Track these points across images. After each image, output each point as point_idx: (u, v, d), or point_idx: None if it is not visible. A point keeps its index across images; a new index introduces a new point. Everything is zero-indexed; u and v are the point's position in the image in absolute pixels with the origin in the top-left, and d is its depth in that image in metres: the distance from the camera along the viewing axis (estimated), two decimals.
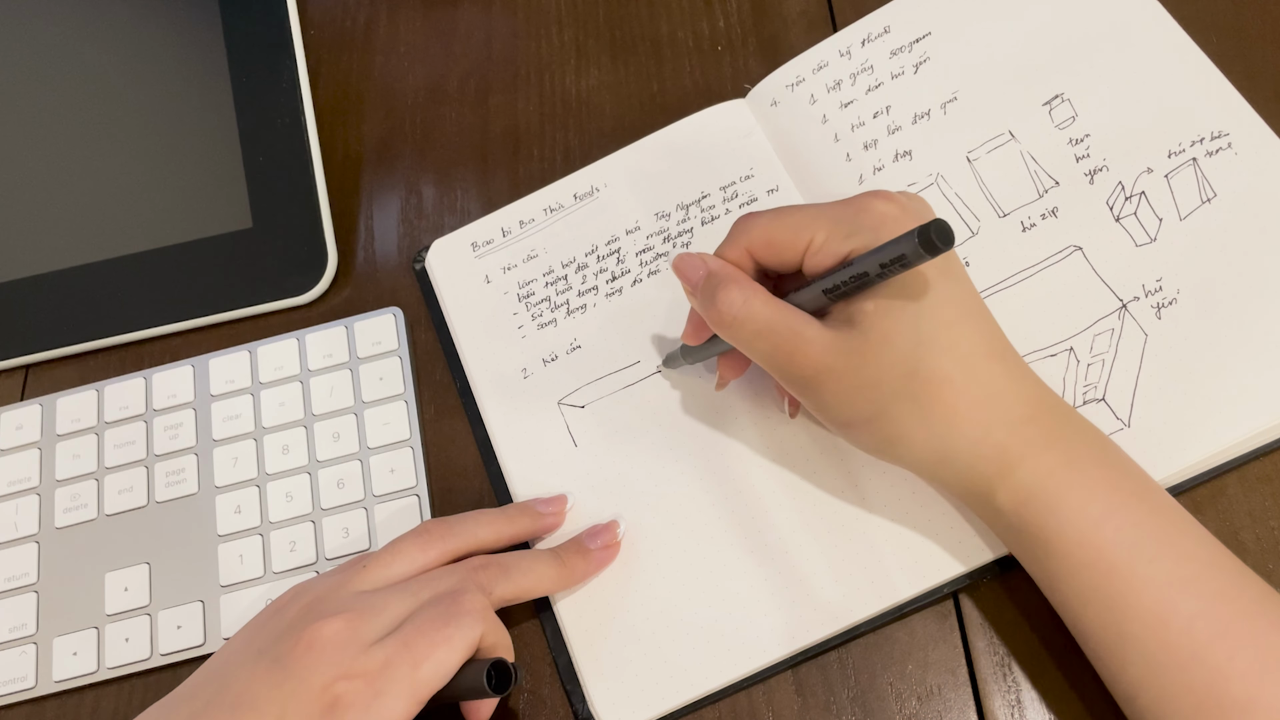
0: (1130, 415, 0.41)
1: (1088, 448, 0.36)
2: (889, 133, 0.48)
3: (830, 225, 0.37)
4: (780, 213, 0.38)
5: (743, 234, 0.39)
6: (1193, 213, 0.43)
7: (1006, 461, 0.35)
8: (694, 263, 0.39)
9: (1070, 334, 0.43)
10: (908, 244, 0.32)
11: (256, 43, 0.54)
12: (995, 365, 0.36)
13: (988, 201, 0.46)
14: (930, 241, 0.31)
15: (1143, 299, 0.42)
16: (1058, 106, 0.46)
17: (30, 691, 0.44)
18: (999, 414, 0.36)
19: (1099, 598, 0.34)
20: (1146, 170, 0.44)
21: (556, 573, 0.41)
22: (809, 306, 0.37)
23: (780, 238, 0.38)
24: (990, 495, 0.36)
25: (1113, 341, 0.42)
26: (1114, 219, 0.44)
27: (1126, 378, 0.42)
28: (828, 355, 0.36)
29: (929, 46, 0.49)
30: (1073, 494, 0.35)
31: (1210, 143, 0.44)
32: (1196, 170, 0.44)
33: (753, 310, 0.37)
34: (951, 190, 0.46)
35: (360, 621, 0.36)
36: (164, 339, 0.51)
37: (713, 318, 0.38)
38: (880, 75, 0.49)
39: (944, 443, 0.36)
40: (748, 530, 0.42)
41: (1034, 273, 0.44)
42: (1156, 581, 0.34)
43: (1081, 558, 0.35)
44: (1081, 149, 0.45)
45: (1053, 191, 0.45)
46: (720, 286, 0.37)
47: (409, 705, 0.34)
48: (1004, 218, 0.45)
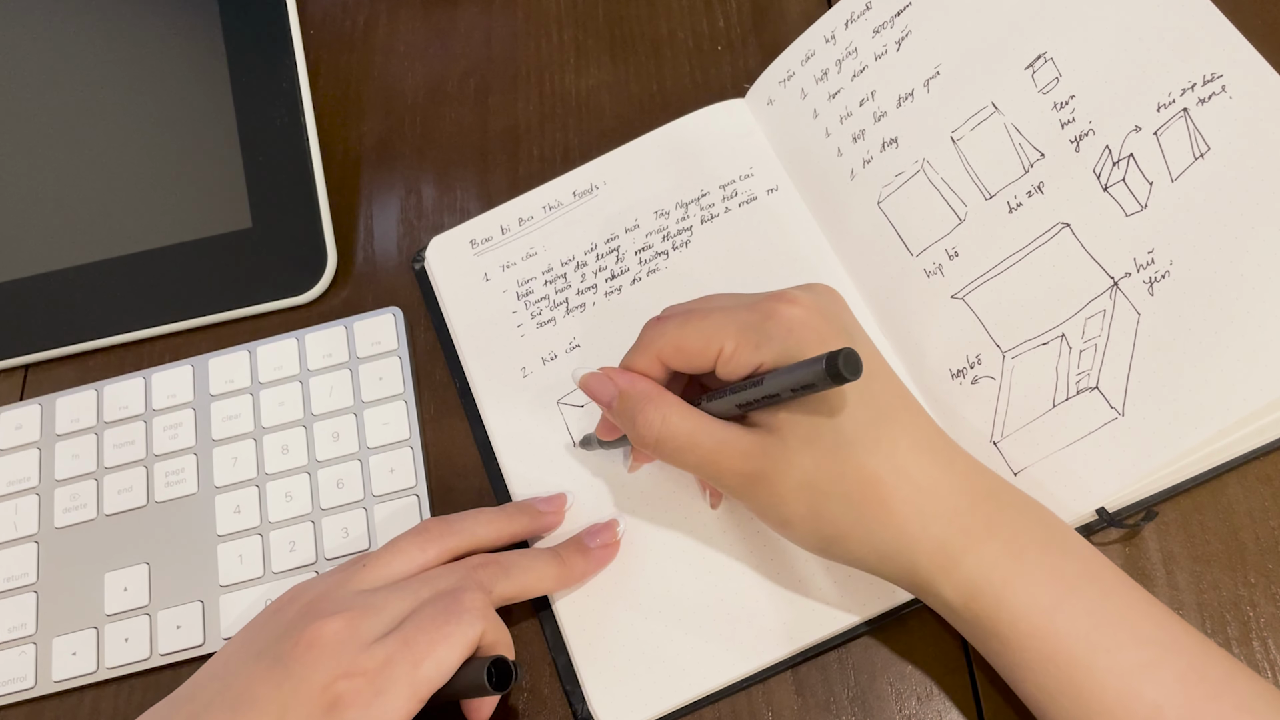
0: (1124, 403, 0.40)
1: (1030, 531, 0.35)
2: (875, 120, 0.48)
3: (739, 334, 0.36)
4: (689, 318, 0.38)
5: (652, 342, 0.38)
6: (1185, 171, 0.41)
7: (948, 555, 0.35)
8: (602, 382, 0.39)
9: (1061, 320, 0.42)
10: (816, 373, 0.32)
11: (256, 43, 0.54)
12: (923, 458, 0.36)
13: (974, 183, 0.45)
14: (838, 373, 0.32)
15: (1134, 274, 0.41)
16: (1041, 68, 0.45)
17: (30, 691, 0.44)
18: (933, 507, 0.35)
19: (1061, 690, 0.34)
20: (1134, 129, 0.42)
21: (556, 571, 0.41)
22: (725, 415, 0.37)
23: (690, 346, 0.37)
24: (936, 590, 0.35)
25: (1105, 324, 0.41)
26: (1102, 188, 0.42)
27: (1120, 363, 0.40)
28: (752, 462, 0.36)
29: (910, 19, 0.48)
30: (1019, 583, 0.34)
31: (1202, 88, 0.41)
32: (1188, 122, 0.41)
33: (671, 428, 0.37)
34: (938, 176, 0.46)
35: (360, 620, 0.36)
36: (164, 339, 0.51)
37: (634, 438, 0.38)
38: (864, 58, 0.49)
39: (881, 540, 0.35)
40: (748, 530, 0.42)
41: (1022, 257, 0.43)
42: (1116, 671, 0.33)
43: (1039, 650, 0.34)
44: (1066, 113, 0.44)
45: (1038, 165, 0.44)
46: (637, 409, 0.37)
47: (410, 703, 0.34)
48: (990, 199, 0.44)
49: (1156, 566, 0.41)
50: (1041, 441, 0.41)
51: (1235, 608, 0.40)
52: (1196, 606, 0.40)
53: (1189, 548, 0.41)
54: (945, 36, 0.47)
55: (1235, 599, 0.40)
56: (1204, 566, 0.40)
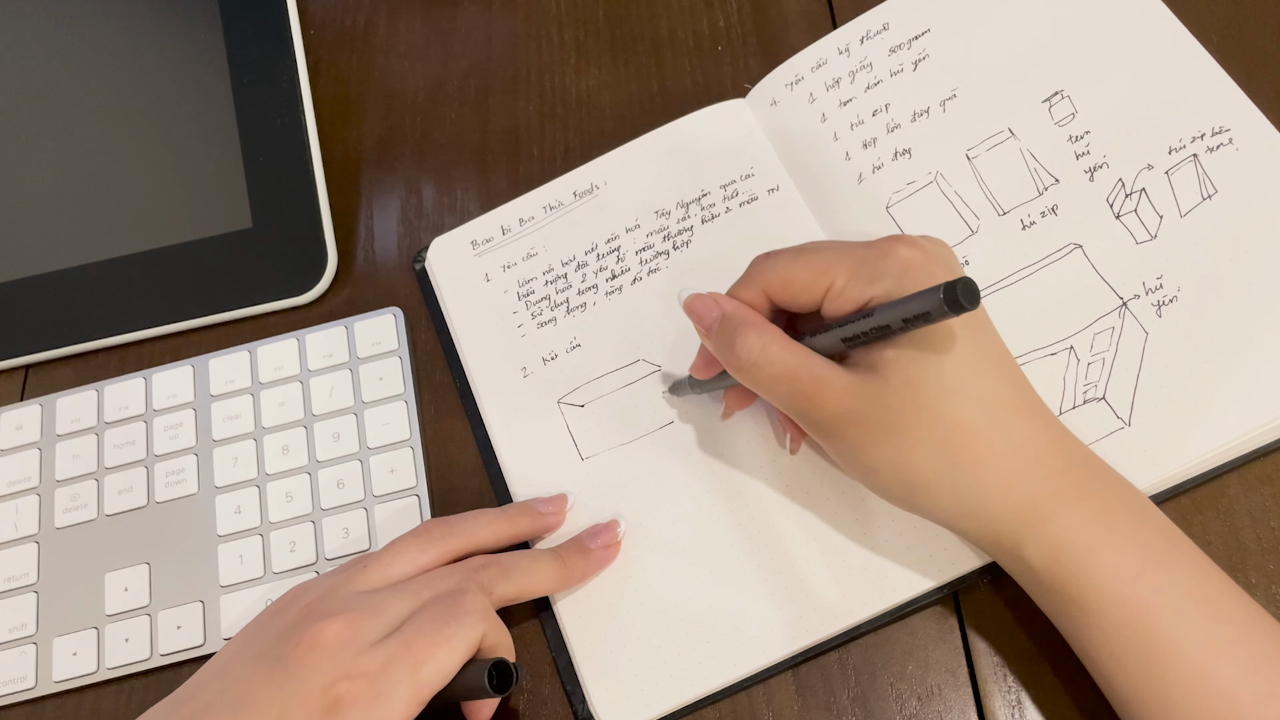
0: (1131, 414, 0.41)
1: (1120, 502, 0.35)
2: (888, 130, 0.48)
3: (852, 269, 0.36)
4: (800, 253, 0.37)
5: (760, 274, 0.38)
6: (1193, 209, 0.43)
7: (1036, 515, 0.34)
8: (707, 304, 0.38)
9: (1070, 332, 0.43)
10: (932, 301, 0.31)
11: (256, 43, 0.54)
12: (1023, 415, 0.35)
13: (987, 199, 0.46)
14: (956, 300, 0.30)
15: (1143, 297, 0.42)
16: (1057, 104, 0.46)
17: (30, 692, 0.44)
18: (1027, 466, 0.35)
19: (1137, 659, 0.33)
20: (1147, 167, 0.44)
21: (557, 572, 0.41)
22: (828, 351, 0.36)
23: (800, 279, 0.37)
24: (1019, 550, 0.35)
25: (1113, 340, 0.42)
26: (1114, 216, 0.44)
27: (1127, 376, 0.41)
28: (849, 400, 0.35)
29: (928, 44, 0.49)
30: (1107, 550, 0.34)
31: (1211, 138, 0.44)
32: (1197, 166, 0.44)
33: (771, 355, 0.36)
34: (951, 188, 0.46)
35: (361, 622, 0.36)
36: (164, 339, 0.51)
37: (730, 363, 0.37)
38: (879, 73, 0.49)
39: (970, 493, 0.35)
40: (748, 530, 0.42)
41: (1034, 271, 0.44)
42: (1197, 644, 0.33)
43: (1118, 617, 0.33)
44: (1081, 146, 0.45)
45: (1052, 189, 0.45)
46: (738, 332, 0.37)
47: (410, 705, 0.34)
48: (1004, 216, 0.45)
49: None
50: None
51: None
52: None
53: None
54: (963, 65, 0.48)
55: None
56: None
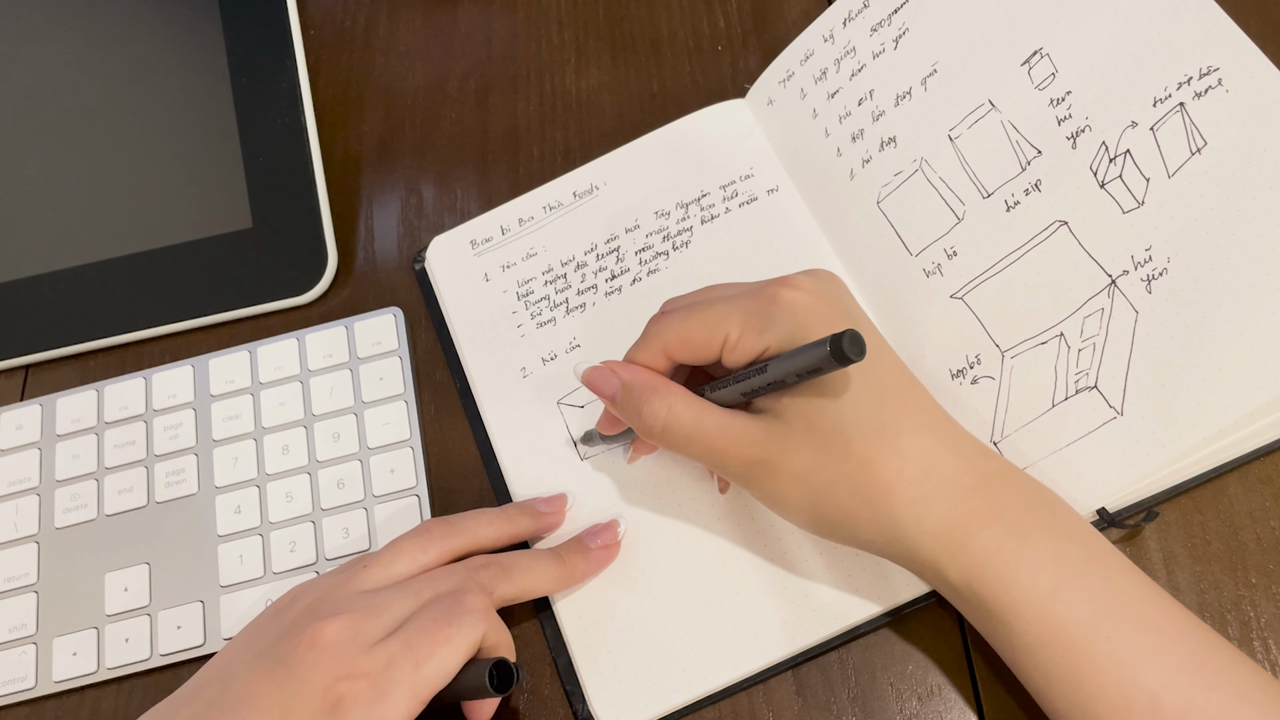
0: (1123, 403, 0.40)
1: (1035, 515, 0.35)
2: (874, 119, 0.48)
3: (743, 320, 0.36)
4: (693, 310, 0.38)
5: (658, 335, 0.38)
6: (1182, 167, 0.40)
7: (952, 538, 0.35)
8: (605, 375, 0.39)
9: (1060, 318, 0.42)
10: (820, 356, 0.32)
11: (256, 43, 0.54)
12: (926, 439, 0.36)
13: (972, 182, 0.45)
14: (843, 354, 0.32)
15: (1132, 272, 0.41)
16: (1037, 64, 0.44)
17: (30, 692, 0.44)
18: (937, 490, 0.35)
19: (1061, 675, 0.33)
20: (1131, 125, 0.42)
21: (557, 572, 0.41)
22: (730, 404, 0.38)
23: (696, 337, 0.37)
24: (942, 573, 0.35)
25: (1103, 323, 0.41)
26: (1099, 185, 0.42)
27: (1118, 362, 0.40)
28: (757, 449, 0.36)
29: (908, 16, 0.48)
30: (1023, 568, 0.34)
31: (1199, 81, 0.41)
32: (1184, 117, 0.41)
33: (678, 417, 0.37)
34: (936, 175, 0.46)
35: (362, 621, 0.36)
36: (164, 339, 0.51)
37: (640, 429, 0.38)
38: (863, 57, 0.49)
39: (888, 521, 0.35)
40: (748, 530, 0.42)
41: (1020, 255, 0.43)
42: (1116, 657, 0.33)
43: (1039, 635, 0.34)
44: (1063, 110, 0.44)
45: (1035, 162, 0.44)
46: (642, 399, 0.38)
47: (411, 705, 0.34)
48: (988, 198, 0.44)
49: (1157, 566, 0.41)
50: (1041, 441, 0.41)
51: (1236, 608, 0.40)
52: (1197, 606, 0.40)
53: (1190, 548, 0.41)
54: (942, 32, 0.47)
55: (1236, 599, 0.40)
56: (1205, 566, 0.40)
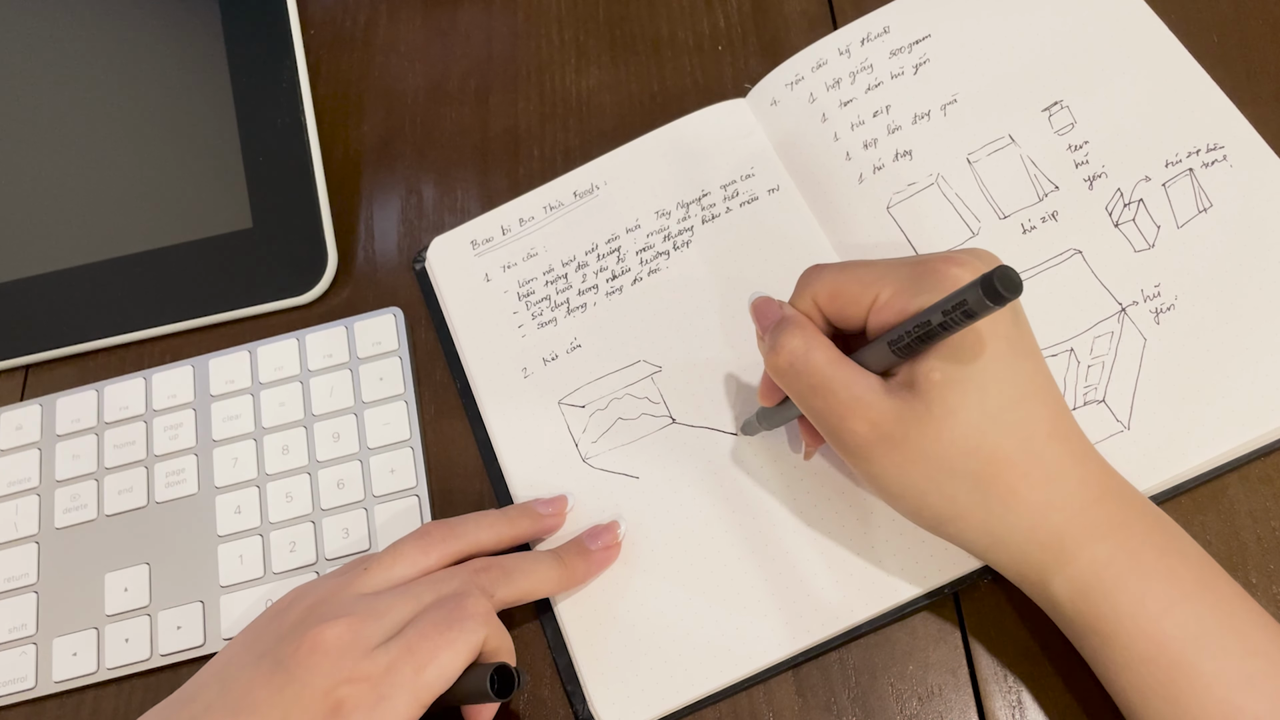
0: (1130, 418, 0.41)
1: (1148, 534, 0.35)
2: (889, 132, 0.48)
3: (898, 282, 0.35)
4: (849, 266, 0.37)
5: (809, 284, 0.38)
6: (1189, 221, 0.44)
7: (1064, 549, 0.34)
8: (772, 306, 0.38)
9: (1070, 335, 0.43)
10: (971, 291, 0.31)
11: (256, 43, 0.54)
12: (1059, 446, 0.35)
13: (988, 203, 0.46)
14: (994, 289, 0.29)
15: (1141, 303, 0.43)
16: (1057, 113, 0.47)
17: (30, 692, 0.44)
18: (1059, 498, 0.34)
19: (1161, 694, 0.33)
20: (1144, 178, 0.45)
21: (558, 574, 0.41)
22: (874, 365, 0.36)
23: (847, 290, 0.36)
24: (1046, 583, 0.35)
25: (1112, 344, 0.42)
26: (1113, 224, 0.44)
27: (1126, 380, 0.42)
28: (885, 422, 0.34)
29: (929, 48, 0.49)
30: (1133, 584, 0.34)
31: (1206, 154, 0.45)
32: (1193, 180, 0.44)
33: (812, 361, 0.36)
34: (952, 190, 0.46)
35: (363, 625, 0.36)
36: (164, 339, 0.51)
37: (770, 363, 0.37)
38: (880, 75, 0.49)
39: (1000, 525, 0.34)
40: (748, 530, 0.42)
41: (1035, 274, 0.44)
42: (1221, 679, 0.32)
43: (1142, 651, 0.33)
44: (1080, 155, 0.46)
45: (1052, 195, 0.45)
46: (784, 331, 0.36)
47: (412, 709, 0.34)
48: (1004, 219, 0.45)
49: None
50: None
51: None
52: None
53: None
54: (963, 71, 0.48)
55: None
56: None
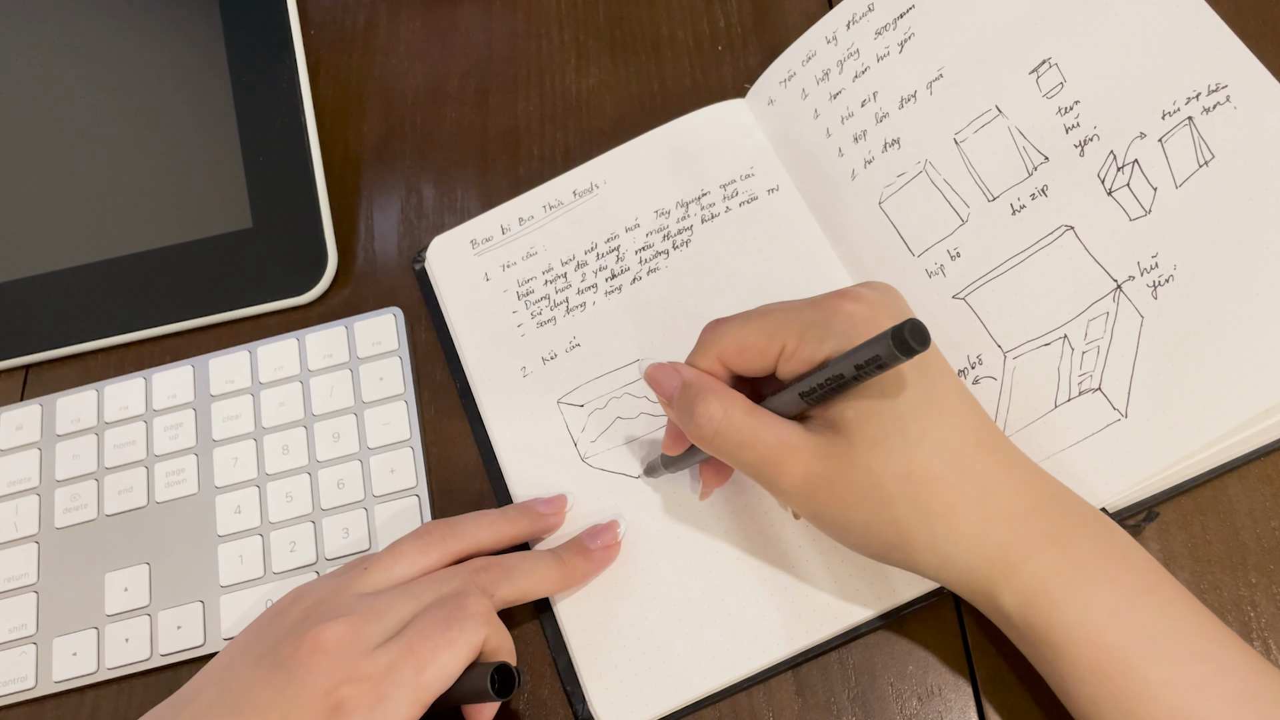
0: (1127, 405, 0.40)
1: (1091, 540, 0.35)
2: (877, 121, 0.47)
3: (801, 330, 0.35)
4: (749, 318, 0.37)
5: (713, 342, 0.38)
6: (1189, 178, 0.41)
7: (1009, 562, 0.34)
8: (668, 373, 0.38)
9: (1064, 321, 0.42)
10: (882, 346, 0.31)
11: (256, 43, 0.54)
12: (987, 459, 0.35)
13: (977, 185, 0.45)
14: (905, 343, 0.30)
15: (1138, 278, 0.41)
16: (1045, 73, 0.44)
17: (30, 692, 0.44)
18: (996, 511, 0.34)
19: (1113, 702, 0.33)
20: (1139, 135, 0.42)
21: (558, 573, 0.41)
22: (787, 412, 0.36)
23: (752, 344, 0.37)
24: (995, 597, 0.35)
25: (1108, 326, 0.41)
26: (1106, 193, 0.42)
27: (1123, 364, 0.40)
28: (815, 462, 0.35)
29: (913, 21, 0.48)
30: (1079, 593, 0.34)
31: (1207, 97, 0.41)
32: (1192, 130, 0.41)
33: (733, 421, 0.36)
34: (940, 177, 0.46)
35: (363, 625, 0.36)
36: (164, 339, 0.51)
37: (692, 432, 0.37)
38: (866, 59, 0.49)
39: (944, 544, 0.35)
40: (748, 530, 0.42)
41: (1025, 258, 0.43)
42: (1170, 685, 0.32)
43: (1091, 661, 0.33)
44: (1071, 118, 0.44)
45: (1042, 168, 0.44)
46: (698, 398, 0.36)
47: (413, 709, 0.34)
48: (993, 201, 0.44)
49: None
50: (1043, 442, 0.41)
51: (1236, 608, 0.40)
52: None
53: (1190, 548, 0.41)
54: (948, 39, 0.47)
55: (1236, 599, 0.40)
56: (1205, 567, 0.40)
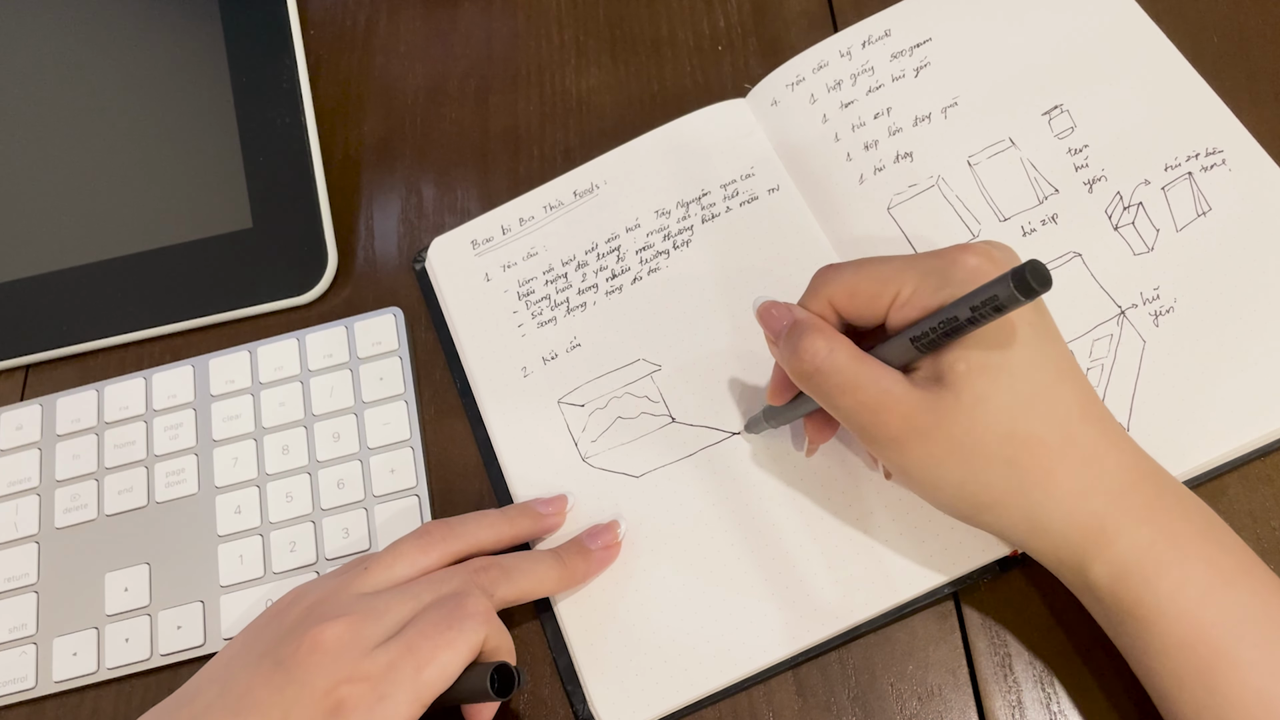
0: (1129, 420, 0.41)
1: (1188, 520, 0.34)
2: (889, 134, 0.48)
3: (919, 278, 0.34)
4: (865, 264, 0.36)
5: (824, 285, 0.37)
6: (1189, 224, 0.44)
7: (1104, 533, 0.34)
8: (779, 311, 0.37)
9: (1070, 338, 0.43)
10: (1001, 286, 0.30)
11: (256, 43, 0.54)
12: (1093, 429, 0.34)
13: (988, 205, 0.46)
14: (1025, 283, 0.29)
15: (1141, 306, 0.43)
16: (1057, 117, 0.47)
17: (30, 692, 0.44)
18: (1097, 481, 0.34)
19: (1198, 680, 0.33)
20: (1144, 182, 0.45)
21: (558, 574, 0.41)
22: (895, 361, 0.35)
23: (865, 289, 0.36)
24: (1084, 568, 0.34)
25: (1112, 346, 0.42)
26: (1113, 228, 0.44)
27: (1125, 383, 0.42)
28: (917, 414, 0.34)
29: (929, 52, 0.49)
30: (1173, 569, 0.33)
31: (1205, 158, 0.45)
32: (1192, 184, 0.44)
33: (837, 361, 0.35)
34: (952, 193, 0.46)
35: (363, 624, 0.36)
36: (164, 339, 0.51)
37: (794, 368, 0.36)
38: (881, 77, 0.49)
39: (1039, 510, 0.34)
40: (748, 530, 0.42)
41: None
42: (1260, 667, 0.32)
43: (1180, 636, 0.33)
44: (1080, 159, 0.46)
45: (1052, 199, 0.45)
46: (804, 335, 0.35)
47: (412, 708, 0.34)
48: (1004, 222, 0.45)
49: None
50: None
51: None
52: None
53: None
54: (964, 74, 0.49)
55: None
56: None
